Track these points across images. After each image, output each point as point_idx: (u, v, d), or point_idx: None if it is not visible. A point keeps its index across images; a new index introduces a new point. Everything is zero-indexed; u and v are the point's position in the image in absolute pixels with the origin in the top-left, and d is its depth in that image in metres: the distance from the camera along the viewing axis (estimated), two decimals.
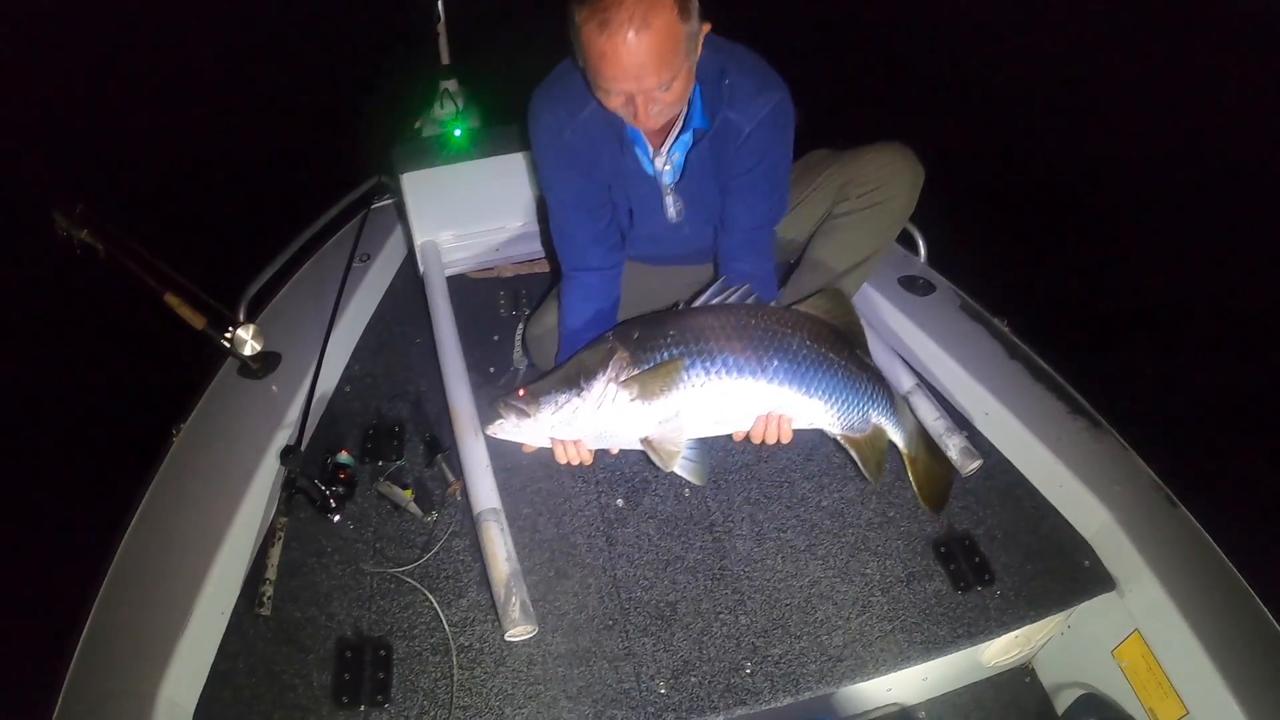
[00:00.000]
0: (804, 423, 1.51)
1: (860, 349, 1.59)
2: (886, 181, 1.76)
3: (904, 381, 1.89)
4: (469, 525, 1.62)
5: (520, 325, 2.10)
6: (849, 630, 1.55)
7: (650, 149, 1.61)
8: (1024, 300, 2.12)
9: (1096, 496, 1.70)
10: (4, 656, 2.13)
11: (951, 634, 1.56)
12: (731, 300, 1.51)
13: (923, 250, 2.19)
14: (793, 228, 1.87)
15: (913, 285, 2.13)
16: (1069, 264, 3.42)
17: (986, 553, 1.67)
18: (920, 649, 1.53)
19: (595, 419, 1.42)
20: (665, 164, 1.63)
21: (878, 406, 1.55)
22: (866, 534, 1.70)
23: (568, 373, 1.44)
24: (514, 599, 1.43)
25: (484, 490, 1.59)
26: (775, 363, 1.45)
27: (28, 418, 3.04)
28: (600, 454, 1.50)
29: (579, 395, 1.41)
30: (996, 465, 1.82)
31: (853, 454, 1.55)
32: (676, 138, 1.58)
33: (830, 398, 1.48)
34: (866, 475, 1.55)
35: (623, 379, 1.41)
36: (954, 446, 1.75)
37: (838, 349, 1.51)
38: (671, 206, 1.70)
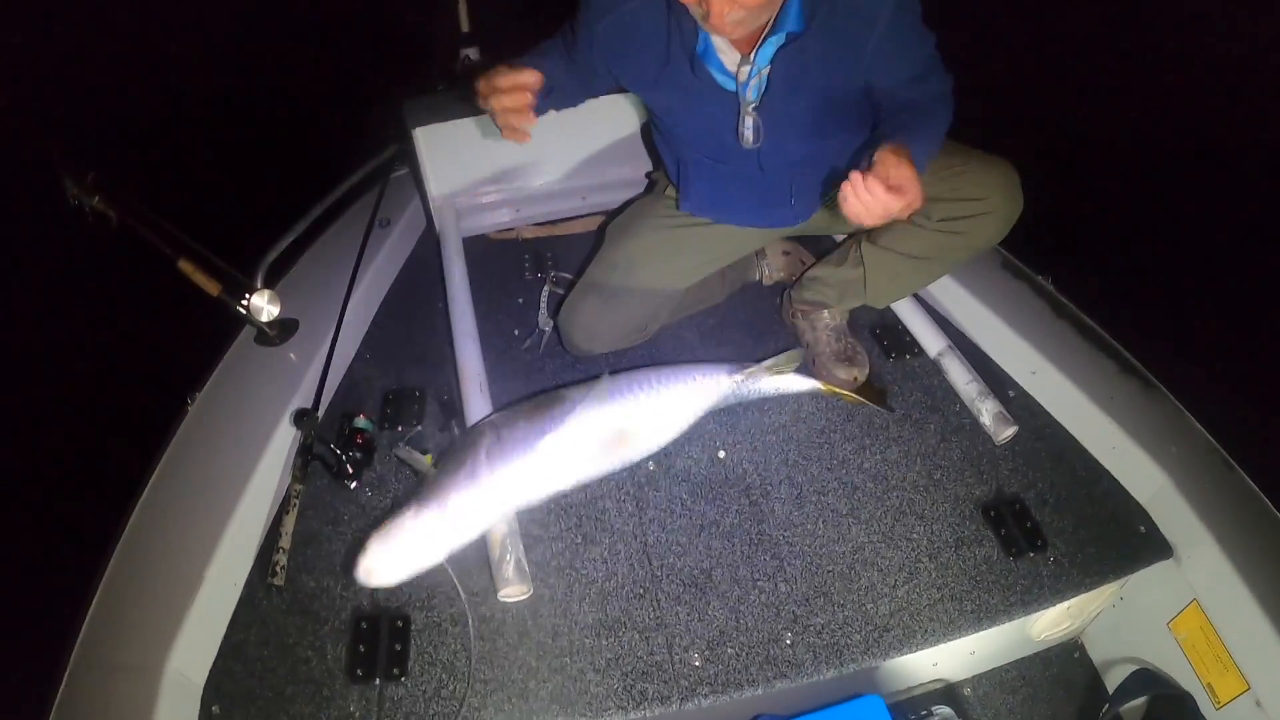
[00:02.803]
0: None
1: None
2: (977, 212, 1.53)
3: (934, 344, 1.81)
4: None
5: (545, 287, 2.01)
6: (895, 599, 1.46)
7: (726, 59, 1.39)
8: (1067, 258, 2.01)
9: (1152, 459, 1.59)
10: (10, 629, 2.09)
11: (1004, 602, 1.46)
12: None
13: None
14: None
15: None
16: (1112, 219, 3.25)
17: (1038, 517, 1.57)
18: (971, 618, 1.44)
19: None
20: (751, 77, 1.38)
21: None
22: (912, 497, 1.60)
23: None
24: (509, 558, 1.40)
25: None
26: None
27: (40, 387, 2.99)
28: None
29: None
30: (1046, 427, 1.72)
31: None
32: (764, 41, 1.33)
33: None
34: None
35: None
36: (987, 413, 1.67)
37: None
38: (749, 129, 1.48)
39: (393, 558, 1.32)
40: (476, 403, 1.62)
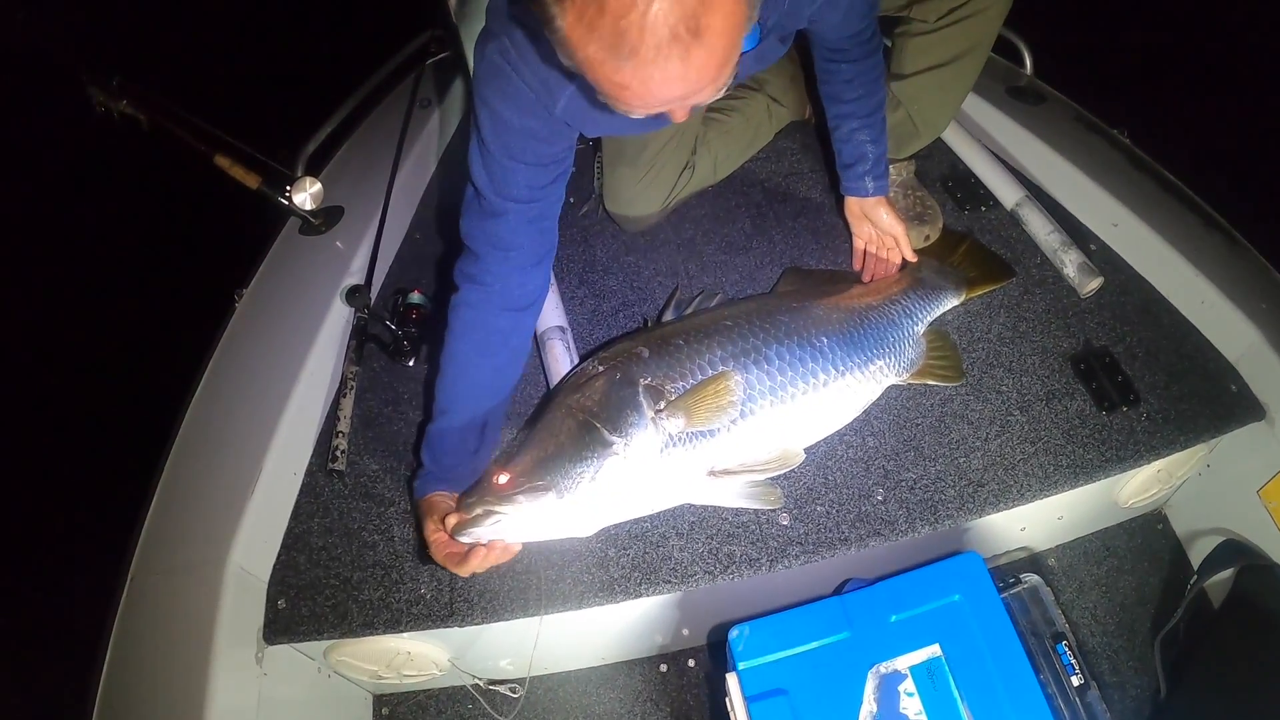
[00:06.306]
0: (874, 396, 1.41)
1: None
2: None
3: (1010, 195, 1.72)
4: None
5: (597, 152, 1.92)
6: (988, 452, 1.38)
7: None
8: (1141, 117, 1.89)
9: (1243, 314, 1.49)
10: (69, 533, 2.06)
11: (1100, 458, 1.38)
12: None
13: (1029, 63, 1.96)
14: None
15: (1021, 95, 1.92)
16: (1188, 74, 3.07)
17: (1129, 371, 1.49)
18: (1068, 473, 1.36)
19: (647, 472, 1.21)
20: None
21: (920, 316, 1.50)
22: (999, 349, 1.52)
23: (564, 430, 1.20)
24: None
25: (548, 308, 1.50)
26: (824, 340, 1.36)
27: (83, 294, 2.96)
28: None
29: (608, 452, 1.17)
30: (1130, 281, 1.63)
31: (929, 382, 1.45)
32: None
33: (885, 349, 1.41)
34: (949, 384, 1.47)
35: (662, 409, 1.22)
36: (1070, 263, 1.58)
37: (850, 299, 1.49)
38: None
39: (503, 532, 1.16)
40: None
